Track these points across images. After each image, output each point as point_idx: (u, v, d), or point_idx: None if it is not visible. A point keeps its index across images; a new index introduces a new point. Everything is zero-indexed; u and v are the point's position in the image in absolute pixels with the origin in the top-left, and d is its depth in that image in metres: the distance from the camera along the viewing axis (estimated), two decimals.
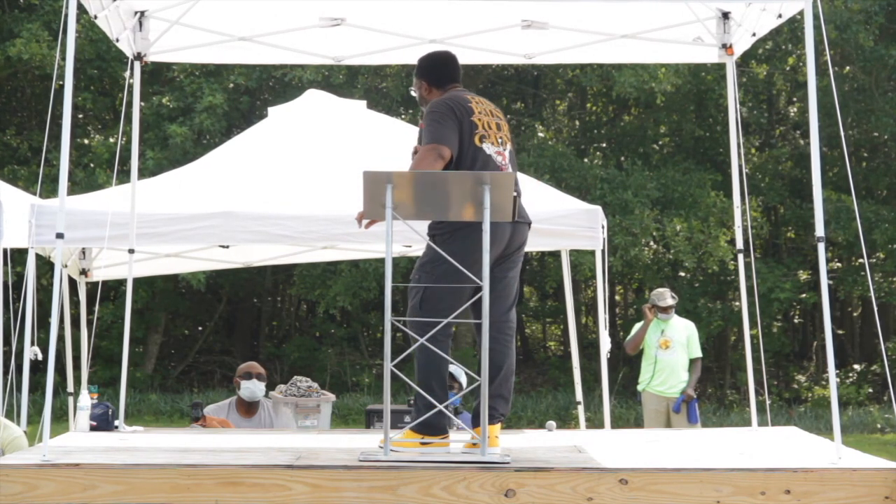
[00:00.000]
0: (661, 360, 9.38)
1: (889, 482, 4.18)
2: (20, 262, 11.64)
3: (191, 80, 18.79)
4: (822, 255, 4.85)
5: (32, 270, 6.96)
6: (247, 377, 7.24)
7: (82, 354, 8.88)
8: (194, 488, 4.18)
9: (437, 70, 5.05)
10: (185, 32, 6.50)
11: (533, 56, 7.00)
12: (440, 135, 4.69)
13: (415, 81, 5.07)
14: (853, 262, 20.98)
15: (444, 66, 5.06)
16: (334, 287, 18.55)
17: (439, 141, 4.68)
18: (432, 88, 4.99)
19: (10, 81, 20.49)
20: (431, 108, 4.80)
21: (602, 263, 7.67)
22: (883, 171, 20.87)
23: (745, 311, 6.70)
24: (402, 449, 4.56)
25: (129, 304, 6.62)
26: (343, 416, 17.54)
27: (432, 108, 4.80)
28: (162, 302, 20.83)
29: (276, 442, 5.28)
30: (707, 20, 6.49)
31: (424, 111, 4.86)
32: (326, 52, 6.95)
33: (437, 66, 5.06)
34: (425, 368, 4.70)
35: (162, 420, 17.57)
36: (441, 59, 5.11)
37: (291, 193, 7.54)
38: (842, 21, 17.99)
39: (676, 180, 19.14)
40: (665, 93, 18.45)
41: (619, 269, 18.88)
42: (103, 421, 5.77)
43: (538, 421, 16.64)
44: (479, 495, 4.15)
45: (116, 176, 11.23)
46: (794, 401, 19.98)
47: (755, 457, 4.77)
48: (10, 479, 4.19)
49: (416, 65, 5.10)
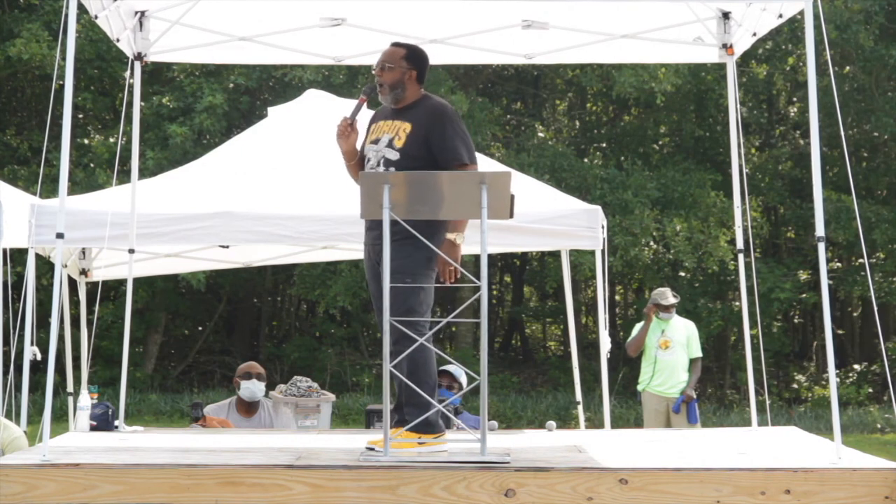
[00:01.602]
0: (661, 361, 9.38)
1: (889, 482, 4.18)
2: (20, 262, 11.64)
3: (191, 80, 18.79)
4: (822, 255, 4.85)
5: (32, 270, 6.96)
6: (246, 377, 7.24)
7: (82, 354, 8.87)
8: (194, 488, 4.18)
9: (426, 67, 5.07)
10: (185, 32, 6.50)
11: (533, 56, 7.00)
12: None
13: (401, 63, 4.94)
14: (853, 262, 20.99)
15: (428, 65, 5.11)
16: (334, 287, 18.55)
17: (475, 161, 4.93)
18: (416, 82, 4.99)
19: (10, 81, 20.49)
20: (459, 120, 4.94)
21: (602, 263, 7.66)
22: (883, 171, 20.88)
23: (745, 311, 6.70)
24: (401, 449, 4.57)
25: (129, 304, 6.62)
26: (343, 416, 17.54)
27: (459, 120, 4.94)
28: (162, 302, 20.82)
29: (276, 442, 5.28)
30: (707, 20, 6.50)
31: (446, 116, 4.88)
32: (326, 52, 6.95)
33: (427, 64, 5.09)
34: (423, 367, 4.71)
35: (162, 420, 17.57)
36: (427, 58, 5.14)
37: (291, 193, 7.53)
38: (842, 21, 17.99)
39: (676, 180, 19.14)
40: (665, 93, 18.44)
41: (619, 269, 18.88)
42: (103, 421, 5.77)
43: (538, 421, 16.63)
44: (479, 495, 4.15)
45: (116, 176, 11.24)
46: (794, 401, 19.98)
47: (755, 457, 4.77)
48: (10, 479, 4.19)
49: (408, 49, 5.03)
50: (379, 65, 4.96)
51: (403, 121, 4.90)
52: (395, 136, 4.87)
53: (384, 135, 4.90)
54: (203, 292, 19.72)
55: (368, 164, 4.92)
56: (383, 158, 4.86)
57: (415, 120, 4.89)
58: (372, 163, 4.90)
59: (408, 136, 4.85)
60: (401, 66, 4.94)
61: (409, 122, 4.88)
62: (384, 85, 4.91)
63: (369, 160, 4.92)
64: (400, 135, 4.87)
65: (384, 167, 4.83)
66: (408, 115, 4.91)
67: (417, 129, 4.86)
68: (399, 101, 4.94)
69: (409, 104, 4.94)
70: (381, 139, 4.90)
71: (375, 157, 4.90)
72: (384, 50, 5.04)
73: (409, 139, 4.85)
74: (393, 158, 4.84)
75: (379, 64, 4.96)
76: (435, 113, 4.90)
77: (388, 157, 4.85)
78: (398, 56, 4.96)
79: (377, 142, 4.91)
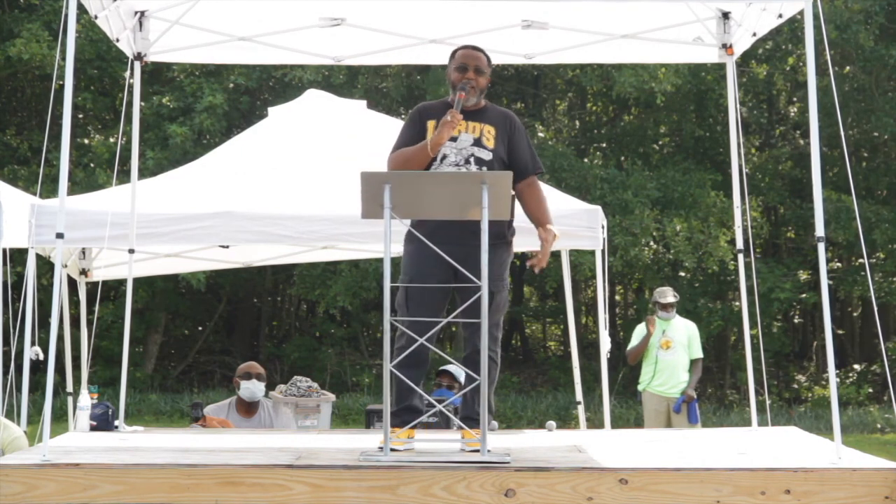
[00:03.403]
0: (661, 361, 9.39)
1: (889, 482, 4.18)
2: (20, 262, 11.64)
3: (191, 80, 18.80)
4: (822, 255, 4.85)
5: (32, 270, 6.96)
6: (246, 377, 7.24)
7: (82, 354, 8.88)
8: (194, 488, 4.18)
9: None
10: (185, 32, 6.50)
11: (533, 56, 7.00)
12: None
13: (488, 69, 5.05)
14: (853, 262, 20.99)
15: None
16: (334, 287, 18.55)
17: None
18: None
19: (10, 81, 20.49)
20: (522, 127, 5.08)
21: (602, 263, 7.66)
22: (883, 171, 20.88)
23: (745, 311, 6.69)
24: (402, 448, 4.58)
25: (129, 304, 6.62)
26: (343, 416, 17.55)
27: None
28: (162, 302, 20.83)
29: (276, 442, 5.28)
30: (707, 20, 6.50)
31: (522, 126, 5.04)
32: (326, 52, 6.95)
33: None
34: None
35: (162, 420, 17.57)
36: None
37: (291, 193, 7.53)
38: (842, 21, 18.00)
39: (676, 180, 19.14)
40: (665, 93, 18.45)
41: (619, 269, 18.89)
42: (103, 421, 5.77)
43: (538, 421, 16.64)
44: (479, 495, 4.15)
45: (116, 176, 11.25)
46: (794, 401, 19.98)
47: (755, 457, 4.76)
48: (10, 479, 4.19)
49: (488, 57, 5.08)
50: (472, 67, 4.96)
51: (484, 123, 4.95)
52: (483, 137, 4.92)
53: (463, 133, 4.90)
54: (203, 292, 19.73)
55: (446, 160, 4.86)
56: (473, 157, 4.87)
57: (496, 123, 4.97)
58: (454, 160, 4.86)
59: (495, 139, 4.93)
60: (488, 72, 5.04)
61: (491, 125, 4.95)
62: (475, 88, 4.94)
63: (446, 156, 4.86)
64: (487, 136, 4.92)
65: (476, 166, 4.85)
66: (485, 118, 4.97)
67: (501, 133, 4.96)
68: (477, 104, 4.98)
69: (481, 108, 5.01)
70: (460, 138, 4.89)
71: (459, 154, 4.87)
72: (468, 52, 5.04)
73: (497, 141, 4.93)
74: (486, 158, 4.88)
75: (472, 67, 4.97)
76: (513, 120, 5.03)
77: (479, 157, 4.87)
78: (486, 62, 5.05)
79: (455, 139, 4.88)
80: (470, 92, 4.89)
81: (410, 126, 5.00)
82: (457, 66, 4.98)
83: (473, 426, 4.58)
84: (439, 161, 4.86)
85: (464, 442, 4.60)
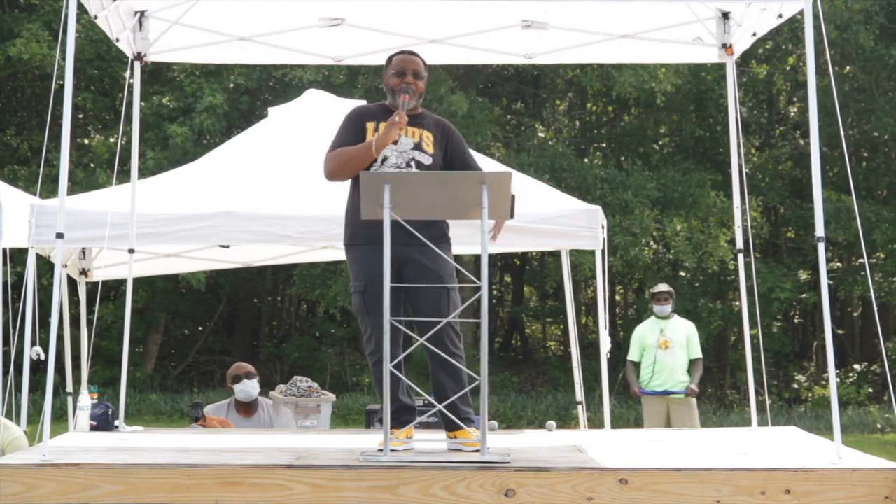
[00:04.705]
0: (660, 361, 9.39)
1: (889, 482, 4.17)
2: (20, 262, 11.65)
3: (191, 80, 18.80)
4: (822, 255, 4.84)
5: (32, 270, 6.96)
6: (237, 380, 7.26)
7: (82, 354, 8.88)
8: (194, 488, 4.18)
9: None
10: (185, 32, 6.50)
11: (533, 56, 7.00)
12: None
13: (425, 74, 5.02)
14: (853, 262, 21.00)
15: None
16: (334, 287, 18.56)
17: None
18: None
19: (10, 81, 20.50)
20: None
21: (602, 263, 7.66)
22: (883, 171, 20.89)
23: (745, 311, 6.69)
24: (402, 448, 4.58)
25: (129, 304, 6.62)
26: (343, 416, 17.55)
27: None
28: (162, 302, 20.83)
29: (276, 442, 5.28)
30: (707, 20, 6.49)
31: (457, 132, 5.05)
32: (326, 52, 6.95)
33: None
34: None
35: (162, 420, 17.57)
36: None
37: (291, 193, 7.53)
38: (842, 21, 18.00)
39: (676, 180, 19.14)
40: (665, 93, 18.46)
41: (619, 269, 18.89)
42: (103, 421, 5.77)
43: (538, 421, 16.64)
44: (479, 495, 4.15)
45: (116, 176, 11.25)
46: (794, 401, 19.98)
47: (755, 457, 4.76)
48: (10, 479, 4.19)
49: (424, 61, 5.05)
50: (410, 72, 4.94)
51: (423, 128, 4.94)
52: (423, 142, 4.90)
53: (404, 137, 4.88)
54: (203, 292, 19.73)
55: (387, 162, 4.84)
56: (414, 160, 4.85)
57: (433, 130, 4.96)
58: (395, 161, 4.84)
59: (434, 144, 4.93)
60: (426, 77, 5.03)
61: (429, 131, 4.95)
62: (414, 92, 4.92)
63: (387, 158, 4.85)
64: (426, 141, 4.91)
65: (416, 169, 4.83)
66: (423, 124, 4.96)
67: (438, 139, 4.95)
68: (415, 109, 4.96)
69: (419, 113, 4.99)
70: (401, 141, 4.87)
71: (400, 157, 4.85)
72: (406, 57, 5.00)
73: (436, 147, 4.93)
74: (426, 162, 4.86)
75: (410, 71, 4.94)
76: (449, 127, 5.04)
77: (420, 161, 4.86)
78: (423, 67, 5.02)
79: (395, 142, 4.86)
80: (409, 97, 4.87)
81: (350, 127, 4.96)
82: (395, 70, 4.95)
83: (456, 428, 4.67)
84: (380, 163, 4.83)
85: (461, 442, 4.61)
